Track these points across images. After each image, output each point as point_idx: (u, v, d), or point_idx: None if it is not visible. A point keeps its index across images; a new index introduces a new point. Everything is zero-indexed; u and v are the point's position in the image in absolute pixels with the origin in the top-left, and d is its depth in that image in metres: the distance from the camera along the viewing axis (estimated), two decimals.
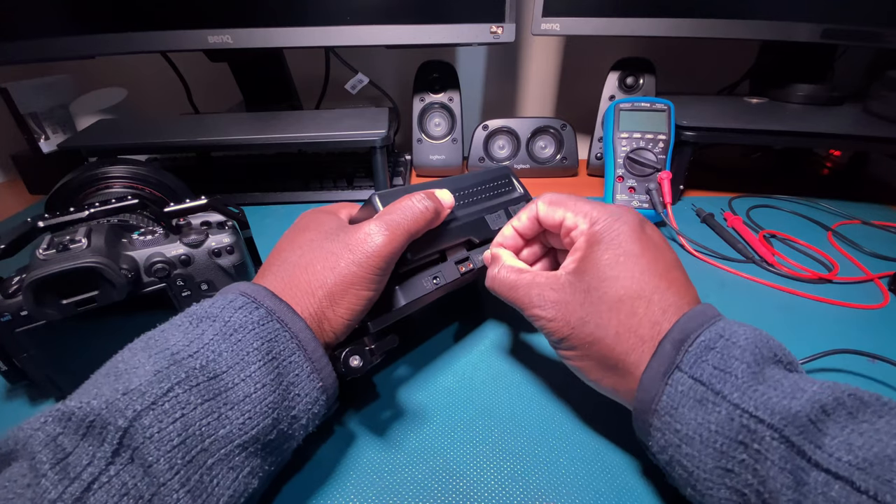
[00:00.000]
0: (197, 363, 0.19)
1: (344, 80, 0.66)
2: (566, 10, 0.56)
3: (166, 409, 0.17)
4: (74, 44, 0.55)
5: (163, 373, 0.18)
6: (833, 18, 0.54)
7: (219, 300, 0.22)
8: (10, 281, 0.27)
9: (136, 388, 0.17)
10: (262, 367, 0.20)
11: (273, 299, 0.23)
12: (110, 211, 0.29)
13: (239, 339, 0.20)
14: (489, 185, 0.35)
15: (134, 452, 0.16)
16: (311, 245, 0.26)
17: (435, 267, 0.31)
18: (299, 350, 0.22)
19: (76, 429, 0.16)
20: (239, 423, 0.19)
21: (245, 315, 0.21)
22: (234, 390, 0.19)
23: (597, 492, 0.24)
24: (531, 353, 0.34)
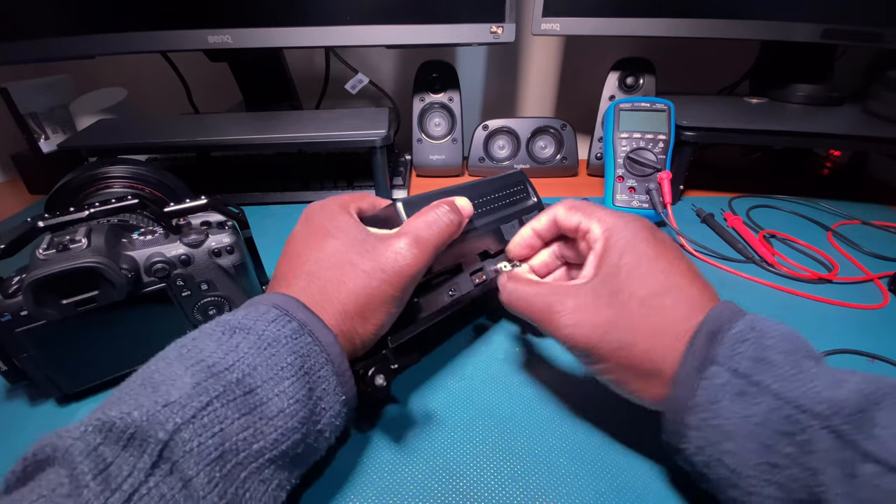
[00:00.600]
0: (233, 377, 0.19)
1: (344, 80, 0.66)
2: (566, 10, 0.56)
3: (205, 423, 0.18)
4: (74, 44, 0.55)
5: (201, 386, 0.18)
6: (833, 18, 0.54)
7: (252, 311, 0.22)
8: (10, 281, 0.27)
9: (176, 401, 0.18)
10: (294, 383, 0.20)
11: (305, 312, 0.23)
12: (110, 211, 0.29)
13: (273, 354, 0.20)
14: (505, 193, 0.35)
15: (174, 465, 0.16)
16: (339, 258, 0.25)
17: (451, 280, 0.31)
18: (328, 364, 0.22)
19: (117, 440, 0.16)
20: (272, 437, 0.19)
21: (278, 328, 0.21)
22: (268, 405, 0.19)
23: (597, 492, 0.24)
24: (531, 354, 0.33)
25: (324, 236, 0.26)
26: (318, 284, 0.24)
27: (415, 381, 0.31)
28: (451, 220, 0.26)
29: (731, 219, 0.51)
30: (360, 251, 0.25)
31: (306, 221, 0.28)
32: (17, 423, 0.29)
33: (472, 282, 0.32)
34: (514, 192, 0.35)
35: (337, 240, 0.25)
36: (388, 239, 0.25)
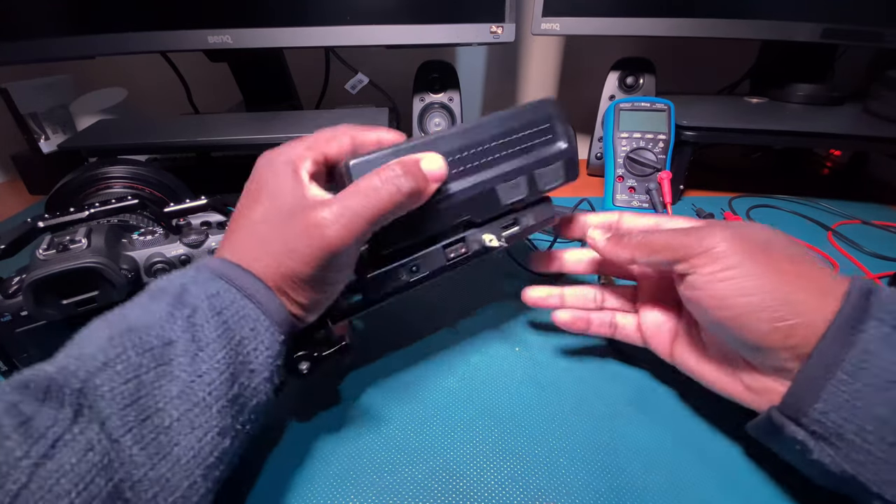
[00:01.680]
0: (153, 332, 0.19)
1: (344, 80, 0.66)
2: (566, 10, 0.56)
3: (118, 370, 0.18)
4: (74, 44, 0.55)
5: (115, 339, 0.19)
6: (833, 18, 0.54)
7: (172, 275, 0.22)
8: (10, 281, 0.27)
9: (88, 353, 0.18)
10: (208, 322, 0.20)
11: (222, 263, 0.22)
12: (110, 211, 0.29)
13: (183, 302, 0.20)
14: (516, 138, 0.26)
15: (90, 411, 0.17)
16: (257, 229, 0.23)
17: (417, 252, 0.26)
18: (250, 302, 0.21)
19: (34, 395, 0.17)
20: (189, 381, 0.19)
21: (189, 279, 0.21)
22: (186, 353, 0.19)
23: (597, 492, 0.24)
24: (532, 354, 0.33)
25: (254, 201, 0.23)
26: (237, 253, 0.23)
27: (415, 381, 0.31)
28: (399, 189, 0.22)
29: (731, 219, 0.51)
30: (277, 224, 0.22)
31: (252, 175, 0.25)
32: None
33: (446, 256, 0.26)
34: (532, 134, 0.27)
35: (263, 207, 0.23)
36: (313, 211, 0.21)
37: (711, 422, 0.28)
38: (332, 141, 0.25)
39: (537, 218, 0.29)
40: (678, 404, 0.29)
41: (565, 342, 0.35)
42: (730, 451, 0.26)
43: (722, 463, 0.26)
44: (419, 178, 0.22)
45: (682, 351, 0.27)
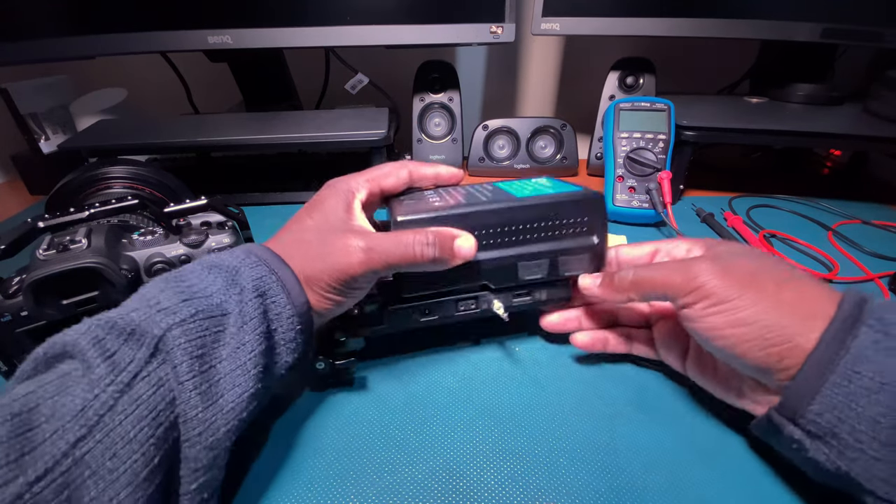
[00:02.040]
0: (213, 301, 0.23)
1: (344, 80, 0.66)
2: (566, 10, 0.56)
3: (191, 327, 0.21)
4: (74, 44, 0.55)
5: (188, 302, 0.22)
6: (833, 18, 0.54)
7: (224, 253, 0.26)
8: (10, 281, 0.27)
9: (168, 308, 0.21)
10: (251, 301, 0.23)
11: (266, 252, 0.25)
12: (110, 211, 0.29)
13: (236, 281, 0.24)
14: (556, 223, 0.28)
15: (166, 355, 0.20)
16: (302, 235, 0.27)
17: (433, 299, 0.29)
18: (283, 292, 0.24)
19: (118, 334, 0.20)
20: (236, 347, 0.22)
21: (240, 260, 0.25)
22: (234, 324, 0.22)
23: (597, 492, 0.24)
24: (532, 354, 0.33)
25: (306, 214, 0.28)
26: (281, 248, 0.26)
27: (415, 381, 0.31)
28: (424, 254, 0.25)
29: (731, 218, 0.51)
30: (320, 235, 0.26)
31: (319, 192, 0.30)
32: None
33: (456, 308, 0.29)
34: (569, 224, 0.28)
35: (311, 220, 0.28)
36: (352, 234, 0.26)
37: (711, 421, 0.28)
38: (390, 175, 0.30)
39: (550, 296, 0.31)
40: (678, 404, 0.29)
41: (565, 342, 0.35)
42: (730, 450, 0.26)
43: (722, 463, 0.26)
44: (446, 251, 0.26)
45: (693, 366, 0.28)
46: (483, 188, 0.32)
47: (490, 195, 0.29)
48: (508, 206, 0.27)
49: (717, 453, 0.26)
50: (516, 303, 0.31)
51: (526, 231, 0.27)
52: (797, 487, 0.24)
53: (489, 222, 0.27)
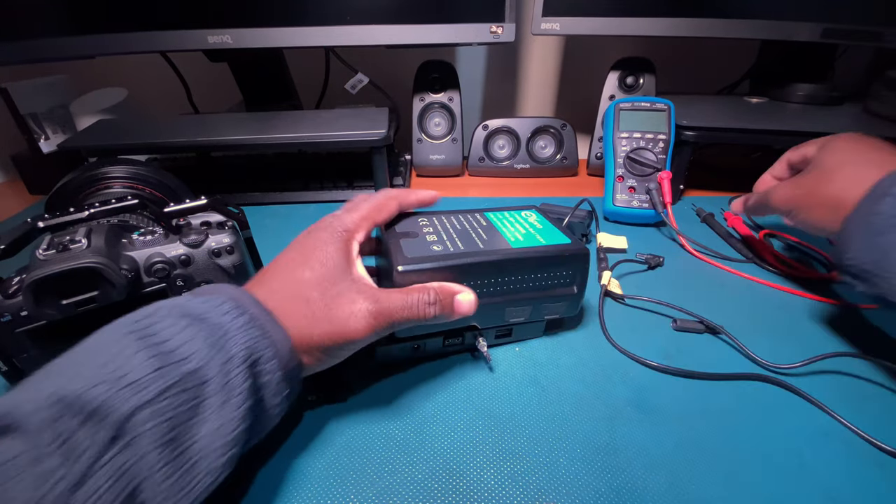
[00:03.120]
0: (189, 367, 0.20)
1: (344, 80, 0.66)
2: (566, 10, 0.56)
3: (161, 406, 0.18)
4: (74, 44, 0.55)
5: (160, 371, 0.19)
6: (833, 18, 0.54)
7: (207, 300, 0.23)
8: (10, 281, 0.27)
9: (136, 382, 0.18)
10: (240, 374, 0.21)
11: (258, 307, 0.23)
12: (110, 211, 0.29)
13: (223, 346, 0.21)
14: (544, 275, 0.30)
15: (131, 440, 0.18)
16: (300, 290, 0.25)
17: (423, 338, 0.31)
18: (276, 359, 0.23)
19: (76, 414, 0.17)
20: (216, 426, 0.20)
21: (231, 319, 0.22)
22: (216, 396, 0.20)
23: (597, 492, 0.24)
24: (531, 354, 0.33)
25: (302, 263, 0.26)
26: (272, 302, 0.24)
27: (415, 382, 0.31)
28: (426, 314, 0.26)
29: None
30: (322, 290, 0.25)
31: (305, 237, 0.28)
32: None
33: (443, 343, 0.32)
34: (556, 275, 0.30)
35: (311, 271, 0.25)
36: (356, 294, 0.25)
37: (712, 421, 0.28)
38: (382, 211, 0.30)
39: (528, 333, 0.34)
40: (679, 404, 0.29)
41: (565, 342, 0.35)
42: (730, 450, 0.26)
43: (722, 463, 0.26)
44: (447, 308, 0.26)
45: None
46: (475, 222, 0.33)
47: (485, 237, 0.30)
48: (504, 259, 0.29)
49: (717, 453, 0.26)
50: (498, 339, 0.34)
51: (517, 281, 0.30)
52: (797, 487, 0.24)
53: (485, 272, 0.29)
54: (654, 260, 0.44)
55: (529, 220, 0.34)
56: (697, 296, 0.39)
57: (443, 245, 0.29)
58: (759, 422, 0.28)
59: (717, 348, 0.34)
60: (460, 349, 0.33)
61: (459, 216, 0.34)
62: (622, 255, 0.46)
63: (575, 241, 0.31)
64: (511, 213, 0.35)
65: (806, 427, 0.28)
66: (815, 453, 0.26)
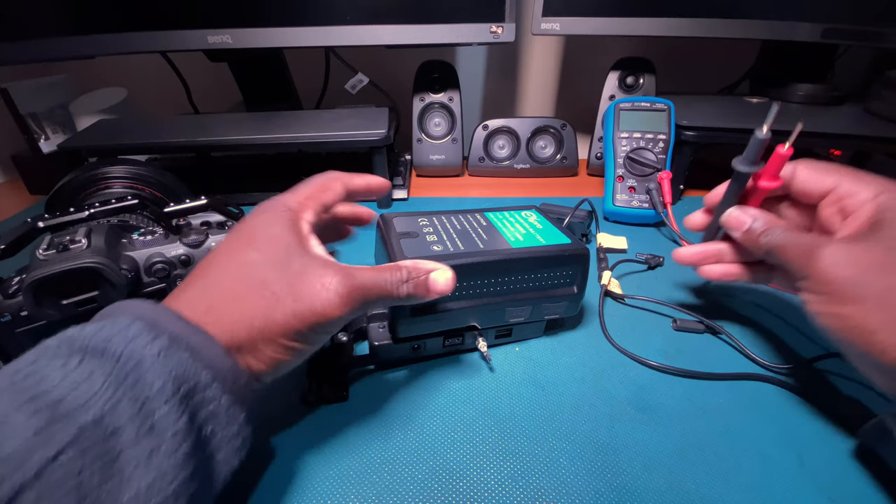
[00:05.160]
0: (89, 417, 0.15)
1: (344, 80, 0.66)
2: (566, 10, 0.56)
3: (56, 479, 0.14)
4: (74, 44, 0.55)
5: (46, 432, 0.14)
6: (833, 18, 0.54)
7: (108, 326, 0.18)
8: (10, 281, 0.27)
9: (11, 455, 0.14)
10: (170, 412, 0.16)
11: (180, 323, 0.19)
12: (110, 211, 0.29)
13: (136, 380, 0.16)
14: (544, 275, 0.30)
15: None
16: (249, 271, 0.21)
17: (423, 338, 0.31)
18: (216, 382, 0.18)
19: None
20: (147, 483, 0.15)
21: (142, 346, 0.17)
22: (139, 446, 0.16)
23: (597, 492, 0.24)
24: (531, 354, 0.33)
25: (246, 245, 0.22)
26: (208, 299, 0.20)
27: (415, 382, 0.31)
28: (400, 292, 0.23)
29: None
30: (279, 269, 0.21)
31: (240, 224, 0.24)
32: None
33: (443, 344, 0.31)
34: (556, 275, 0.30)
35: (258, 252, 0.21)
36: (324, 269, 0.21)
37: (711, 421, 0.28)
38: (327, 191, 0.26)
39: (528, 333, 0.34)
40: (679, 404, 0.29)
41: (565, 342, 0.35)
42: (730, 450, 0.26)
43: (722, 462, 0.26)
44: (420, 288, 0.24)
45: None
46: (476, 222, 0.33)
47: (485, 237, 0.30)
48: (504, 259, 0.29)
49: (717, 453, 0.26)
50: (498, 339, 0.33)
51: (517, 282, 0.30)
52: (797, 487, 0.24)
53: (485, 272, 0.29)
54: (654, 260, 0.44)
55: (529, 220, 0.34)
56: (697, 296, 0.39)
57: (443, 245, 0.29)
58: (759, 422, 0.28)
59: (717, 348, 0.34)
60: (460, 350, 0.33)
61: (459, 216, 0.34)
62: (622, 255, 0.46)
63: (575, 240, 0.31)
64: (511, 213, 0.35)
65: (806, 427, 0.28)
66: (814, 453, 0.26)
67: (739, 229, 0.28)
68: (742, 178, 0.29)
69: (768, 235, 0.26)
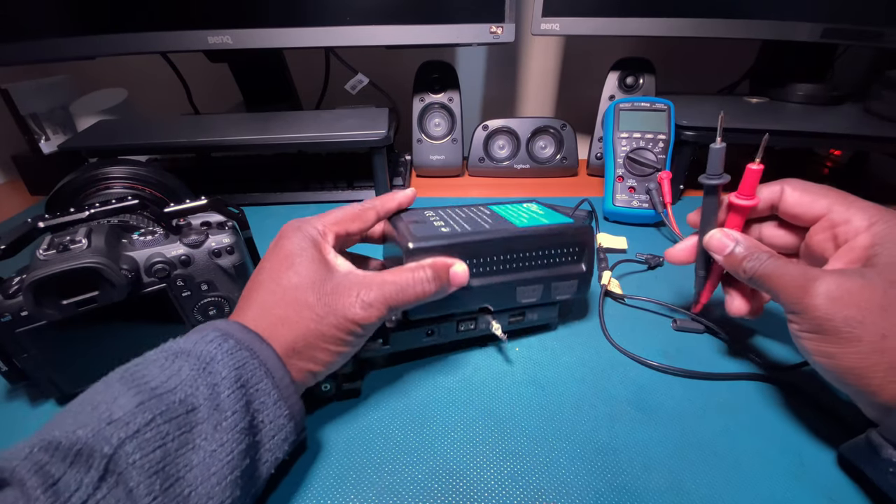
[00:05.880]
0: (176, 397, 0.20)
1: (344, 80, 0.66)
2: (566, 10, 0.56)
3: (147, 437, 0.18)
4: (74, 44, 0.55)
5: (144, 405, 0.19)
6: (833, 18, 0.54)
7: (193, 335, 0.23)
8: (10, 281, 0.27)
9: (119, 419, 0.18)
10: (231, 395, 0.21)
11: (244, 331, 0.23)
12: (110, 211, 0.29)
13: (211, 371, 0.21)
14: (550, 252, 0.30)
15: (118, 477, 0.17)
16: (295, 295, 0.25)
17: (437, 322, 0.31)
18: (267, 377, 0.22)
19: (63, 457, 0.17)
20: (211, 450, 0.19)
21: (216, 346, 0.22)
22: (208, 421, 0.20)
23: (597, 492, 0.24)
24: (531, 354, 0.34)
25: (287, 268, 0.25)
26: (268, 319, 0.24)
27: (415, 382, 0.31)
28: (425, 290, 0.26)
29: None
30: (317, 292, 0.25)
31: (277, 244, 0.27)
32: (18, 424, 0.29)
33: (457, 329, 0.31)
34: (563, 252, 0.31)
35: (298, 276, 0.25)
36: (352, 284, 0.25)
37: (711, 421, 0.28)
38: (356, 220, 0.29)
39: (541, 317, 0.34)
40: (678, 404, 0.29)
41: (565, 342, 0.35)
42: (730, 450, 0.26)
43: (722, 462, 0.26)
44: (443, 282, 0.26)
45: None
46: (481, 212, 0.33)
47: (491, 222, 0.30)
48: (510, 236, 0.29)
49: (717, 453, 0.26)
50: (512, 323, 0.33)
51: (524, 259, 0.30)
52: (797, 487, 0.24)
53: (493, 250, 0.29)
54: (654, 260, 0.44)
55: (531, 209, 0.34)
56: None
57: (450, 228, 0.29)
58: (758, 422, 0.28)
59: (717, 348, 0.34)
60: (475, 335, 0.32)
61: (464, 208, 0.34)
62: (622, 255, 0.46)
63: (578, 221, 0.31)
64: (513, 204, 0.36)
65: (805, 427, 0.28)
66: (814, 453, 0.26)
67: (721, 253, 0.28)
68: (711, 191, 0.29)
69: (751, 261, 0.26)
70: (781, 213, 0.28)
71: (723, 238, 0.28)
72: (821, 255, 0.26)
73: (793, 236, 0.29)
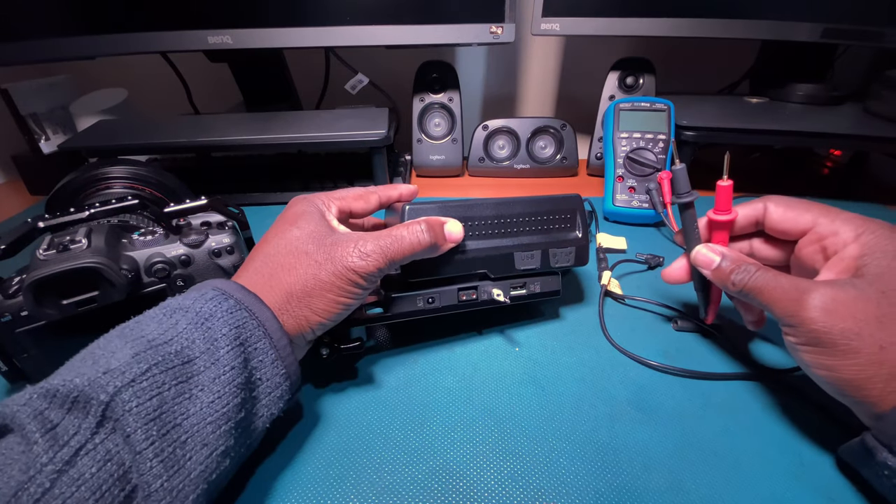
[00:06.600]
0: (172, 349, 0.21)
1: (344, 80, 0.66)
2: (566, 10, 0.56)
3: (144, 386, 0.19)
4: (74, 44, 0.55)
5: (140, 356, 0.20)
6: (833, 18, 0.54)
7: (192, 293, 0.24)
8: (10, 281, 0.27)
9: (116, 368, 0.19)
10: (230, 352, 0.22)
11: (242, 292, 0.24)
12: (110, 211, 0.29)
13: (210, 327, 0.22)
14: (543, 219, 0.32)
15: (115, 423, 0.18)
16: (296, 245, 0.26)
17: (435, 287, 0.31)
18: (265, 337, 0.23)
19: (61, 403, 0.18)
20: (208, 401, 0.20)
21: (215, 304, 0.23)
22: (205, 373, 0.21)
23: (597, 492, 0.24)
24: (531, 354, 0.33)
25: (290, 225, 0.27)
26: (269, 267, 0.26)
27: (415, 381, 0.31)
28: (420, 241, 0.27)
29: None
30: (318, 243, 0.26)
31: (284, 211, 0.29)
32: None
33: (458, 296, 0.32)
34: (556, 219, 0.32)
35: (300, 230, 0.27)
36: (351, 237, 0.26)
37: (711, 421, 0.28)
38: (359, 200, 0.32)
39: (544, 287, 0.34)
40: (678, 404, 0.29)
41: (565, 342, 0.35)
42: (730, 450, 0.26)
43: (722, 462, 0.26)
44: (438, 237, 0.28)
45: None
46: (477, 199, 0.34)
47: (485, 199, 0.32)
48: (500, 201, 0.31)
49: (717, 453, 0.26)
50: (513, 294, 0.33)
51: (517, 224, 0.31)
52: (797, 487, 0.24)
53: (485, 212, 0.30)
54: (654, 260, 0.44)
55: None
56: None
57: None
58: (758, 422, 0.28)
59: (718, 348, 0.34)
60: (476, 303, 0.32)
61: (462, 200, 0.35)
62: (622, 255, 0.46)
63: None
64: None
65: (805, 427, 0.28)
66: (814, 453, 0.26)
67: (708, 267, 0.28)
68: (685, 208, 0.31)
69: (739, 274, 0.26)
70: (768, 229, 0.29)
71: (708, 253, 0.28)
72: (811, 267, 0.27)
73: (781, 251, 0.30)
